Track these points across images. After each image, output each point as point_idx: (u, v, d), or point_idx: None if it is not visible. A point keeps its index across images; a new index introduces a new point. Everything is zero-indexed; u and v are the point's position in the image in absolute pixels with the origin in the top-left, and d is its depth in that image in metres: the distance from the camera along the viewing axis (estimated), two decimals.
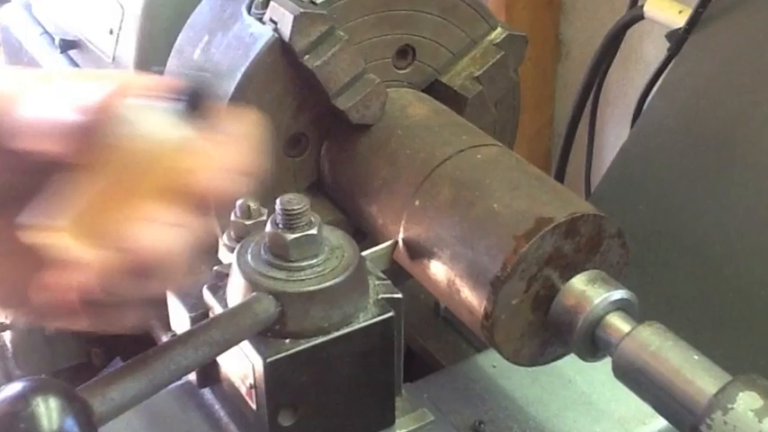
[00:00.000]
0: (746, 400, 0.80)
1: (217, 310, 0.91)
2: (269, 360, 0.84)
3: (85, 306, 0.69)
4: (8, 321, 1.57)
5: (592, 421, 1.11)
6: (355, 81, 1.17)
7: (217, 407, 0.96)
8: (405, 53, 1.28)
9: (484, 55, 1.31)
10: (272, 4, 1.16)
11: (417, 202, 1.09)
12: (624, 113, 2.07)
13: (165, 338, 0.80)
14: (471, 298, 1.00)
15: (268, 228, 0.88)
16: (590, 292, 0.97)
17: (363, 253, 0.93)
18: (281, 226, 0.87)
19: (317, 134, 1.25)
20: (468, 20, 1.30)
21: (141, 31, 1.41)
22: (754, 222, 1.38)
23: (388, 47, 1.26)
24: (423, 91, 1.31)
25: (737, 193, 1.42)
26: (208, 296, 0.93)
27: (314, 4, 1.16)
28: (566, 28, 2.40)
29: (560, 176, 2.11)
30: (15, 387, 0.65)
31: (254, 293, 0.85)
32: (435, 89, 1.32)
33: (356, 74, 1.17)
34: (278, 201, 0.87)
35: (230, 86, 1.15)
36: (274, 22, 1.15)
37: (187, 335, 0.79)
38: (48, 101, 0.73)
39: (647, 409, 0.92)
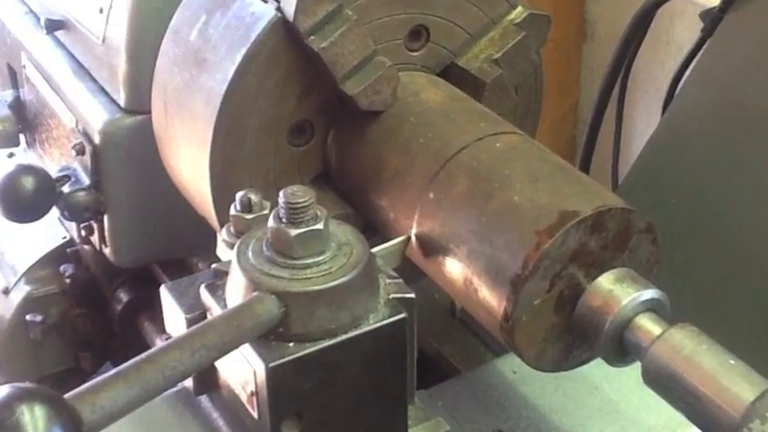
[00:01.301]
0: None
1: (215, 311, 0.91)
2: (271, 365, 0.84)
3: None
4: None
5: (620, 430, 1.12)
6: (364, 64, 1.16)
7: (215, 415, 0.97)
8: (418, 34, 1.27)
9: (503, 36, 1.30)
10: None
11: (432, 195, 1.09)
12: (654, 99, 2.08)
13: (159, 342, 0.81)
14: (490, 298, 1.00)
15: (270, 222, 0.88)
16: (618, 291, 0.97)
17: (373, 250, 0.93)
18: (284, 220, 0.87)
19: (322, 122, 1.24)
20: None
21: (134, 10, 1.42)
22: None
23: (400, 27, 1.25)
24: (438, 75, 1.30)
25: None
26: (205, 296, 0.93)
27: None
28: (592, 6, 2.41)
29: (585, 167, 2.11)
30: (0, 393, 0.65)
31: (256, 293, 0.85)
32: (451, 73, 1.31)
33: (365, 56, 1.16)
34: (281, 193, 0.87)
35: (229, 70, 1.14)
36: (277, 1, 1.14)
37: (183, 338, 0.79)
38: None
39: (679, 417, 0.92)
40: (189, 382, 0.94)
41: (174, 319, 0.97)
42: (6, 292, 1.76)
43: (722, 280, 1.40)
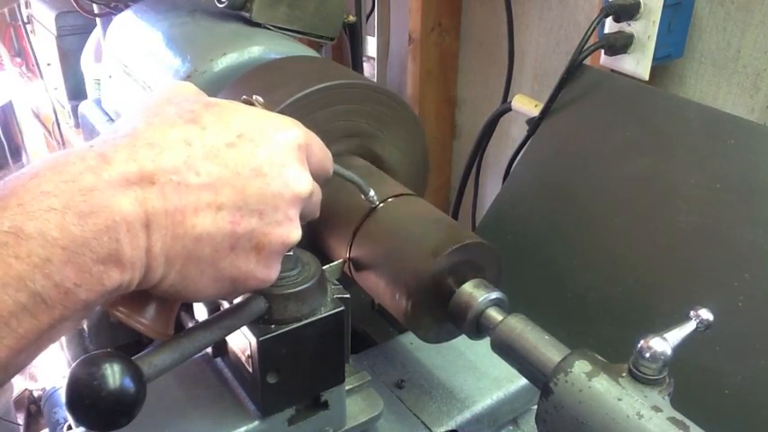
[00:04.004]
0: (580, 366, 0.81)
1: (225, 305, 0.90)
2: (260, 339, 0.85)
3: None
4: None
5: (476, 380, 1.13)
6: None
7: (226, 370, 0.96)
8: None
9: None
10: None
11: (359, 234, 1.09)
12: (498, 174, 2.09)
13: (190, 324, 0.80)
14: (397, 299, 1.01)
15: None
16: (476, 293, 0.98)
17: (323, 267, 0.93)
18: None
19: None
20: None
21: None
22: (586, 246, 1.41)
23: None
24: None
25: (574, 227, 1.44)
26: None
27: None
28: (459, 116, 2.42)
29: (455, 216, 2.12)
30: (90, 357, 0.65)
31: (251, 294, 0.85)
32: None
33: None
34: None
35: None
36: None
37: (206, 322, 0.79)
38: None
39: (514, 372, 0.93)
40: (209, 350, 0.94)
41: (200, 311, 0.97)
42: None
43: (540, 287, 1.42)
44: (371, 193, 1.04)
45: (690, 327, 0.80)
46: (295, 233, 0.75)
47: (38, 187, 0.60)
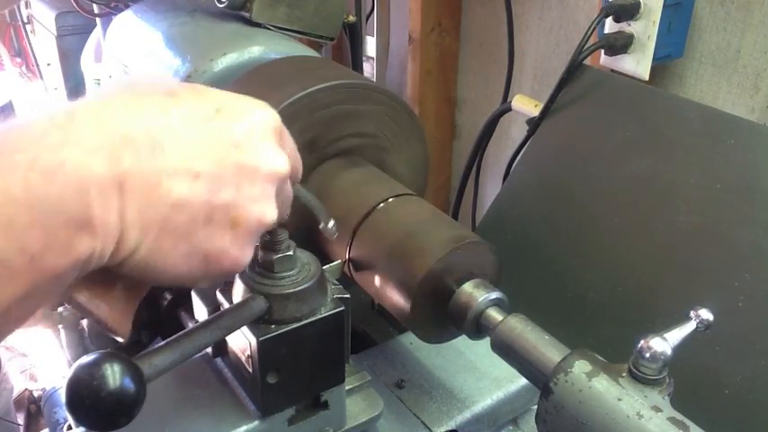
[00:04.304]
0: (580, 366, 0.81)
1: (225, 305, 0.91)
2: (260, 339, 0.85)
3: None
4: None
5: (476, 380, 1.13)
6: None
7: (226, 370, 0.96)
8: None
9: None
10: None
11: (359, 234, 1.09)
12: (498, 175, 2.09)
13: (191, 324, 0.80)
14: (397, 299, 1.01)
15: (260, 250, 0.88)
16: (476, 293, 0.98)
17: (323, 267, 0.93)
18: (268, 249, 0.87)
19: None
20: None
21: None
22: (586, 246, 1.41)
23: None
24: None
25: (574, 227, 1.44)
26: (219, 296, 0.93)
27: None
28: (459, 116, 2.42)
29: (455, 216, 2.12)
30: (91, 357, 0.65)
31: (251, 294, 0.86)
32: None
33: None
34: (266, 232, 0.87)
35: None
36: None
37: (206, 322, 0.79)
38: None
39: (514, 372, 0.93)
40: (209, 350, 0.93)
41: (200, 310, 0.97)
42: None
43: (540, 286, 1.42)
44: (331, 223, 0.98)
45: (690, 327, 0.80)
46: (271, 212, 0.72)
47: (5, 141, 0.56)
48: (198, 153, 0.65)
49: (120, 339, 0.78)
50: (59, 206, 0.56)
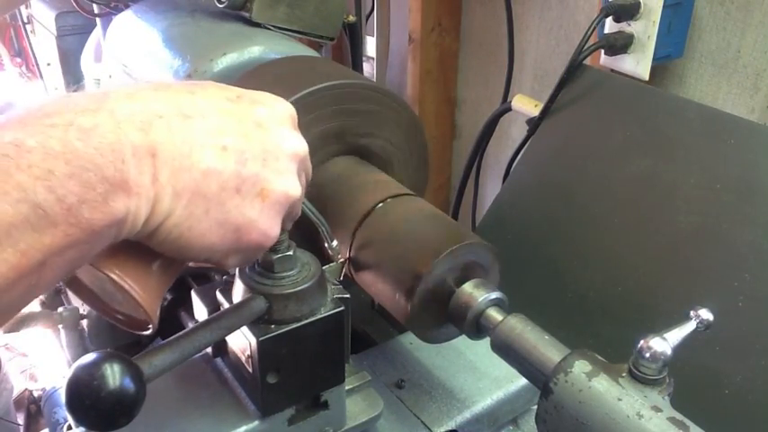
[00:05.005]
0: (580, 366, 0.81)
1: (225, 305, 0.91)
2: (260, 339, 0.84)
3: None
4: (85, 312, 1.55)
5: (476, 380, 1.13)
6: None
7: (225, 370, 0.96)
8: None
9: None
10: None
11: (359, 234, 1.09)
12: (498, 175, 2.09)
13: (191, 324, 0.80)
14: (396, 299, 1.01)
15: None
16: (476, 293, 0.98)
17: (323, 267, 0.93)
18: (268, 249, 0.87)
19: None
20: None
21: None
22: (586, 246, 1.41)
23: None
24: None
25: (574, 227, 1.44)
26: (219, 296, 0.93)
27: None
28: (459, 116, 2.42)
29: (455, 216, 2.12)
30: (90, 357, 0.65)
31: (251, 294, 0.86)
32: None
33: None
34: None
35: None
36: None
37: (206, 322, 0.79)
38: None
39: (514, 372, 0.93)
40: (209, 350, 0.94)
41: (200, 311, 0.97)
42: None
43: (539, 286, 1.42)
44: (335, 243, 1.03)
45: (690, 327, 0.80)
46: (296, 187, 0.77)
47: (40, 110, 0.60)
48: (224, 128, 0.70)
49: (146, 332, 0.78)
50: (96, 163, 0.59)
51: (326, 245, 1.01)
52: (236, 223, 0.72)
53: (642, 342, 0.78)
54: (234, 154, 0.69)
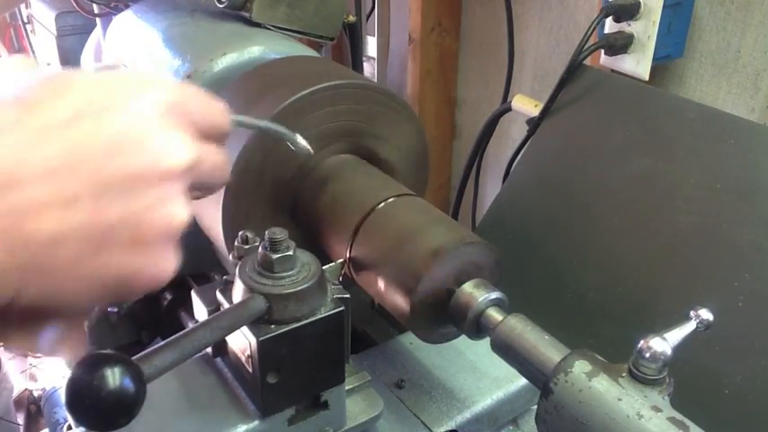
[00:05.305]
0: (580, 366, 0.81)
1: (225, 305, 0.91)
2: (260, 339, 0.85)
3: None
4: None
5: (476, 380, 1.13)
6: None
7: (225, 370, 0.96)
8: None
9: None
10: None
11: (359, 234, 1.09)
12: (498, 175, 2.09)
13: (191, 324, 0.80)
14: (396, 299, 1.01)
15: (260, 250, 0.88)
16: (476, 293, 0.98)
17: (323, 267, 0.93)
18: (268, 249, 0.87)
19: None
20: None
21: None
22: (586, 246, 1.41)
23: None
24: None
25: (574, 227, 1.44)
26: (219, 296, 0.93)
27: None
28: (459, 116, 2.42)
29: (455, 216, 2.12)
30: (90, 357, 0.65)
31: (251, 294, 0.86)
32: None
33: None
34: (266, 232, 0.87)
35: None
36: None
37: (206, 322, 0.79)
38: None
39: (514, 372, 0.93)
40: (209, 350, 0.94)
41: (200, 310, 0.97)
42: None
43: (540, 286, 1.42)
44: (299, 139, 0.89)
45: (690, 327, 0.80)
46: (180, 212, 0.61)
47: None
48: (66, 170, 0.55)
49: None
50: None
51: (292, 147, 0.89)
52: (116, 278, 0.59)
53: (642, 342, 0.78)
54: (85, 204, 0.55)
